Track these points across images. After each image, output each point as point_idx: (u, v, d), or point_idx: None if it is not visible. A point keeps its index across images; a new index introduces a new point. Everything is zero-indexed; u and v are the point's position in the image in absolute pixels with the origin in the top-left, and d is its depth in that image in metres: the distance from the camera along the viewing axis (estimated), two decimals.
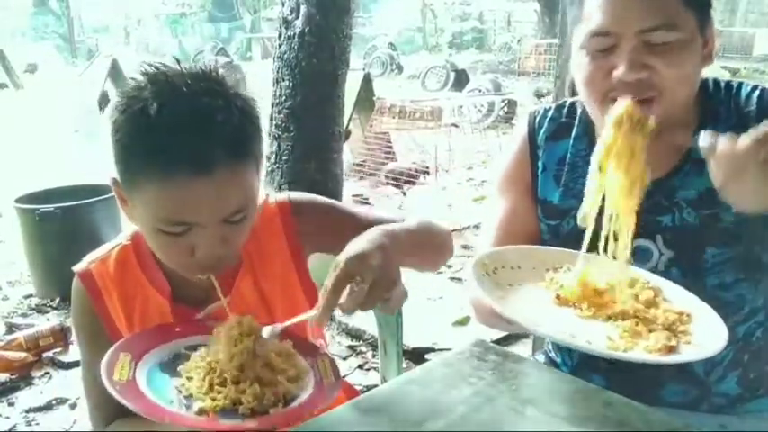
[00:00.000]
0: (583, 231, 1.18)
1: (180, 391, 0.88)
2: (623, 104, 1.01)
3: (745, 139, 0.86)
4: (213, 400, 0.86)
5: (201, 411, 0.85)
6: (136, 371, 0.89)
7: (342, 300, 0.85)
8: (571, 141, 1.23)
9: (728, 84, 1.17)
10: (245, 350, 0.90)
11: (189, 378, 0.90)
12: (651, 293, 1.01)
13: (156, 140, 0.87)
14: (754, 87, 1.14)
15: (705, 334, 0.92)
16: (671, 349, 0.89)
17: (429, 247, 1.09)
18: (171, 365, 0.94)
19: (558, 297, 1.00)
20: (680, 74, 1.05)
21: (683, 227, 1.12)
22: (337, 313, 0.87)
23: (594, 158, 1.03)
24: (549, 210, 1.23)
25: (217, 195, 0.89)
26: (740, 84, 1.16)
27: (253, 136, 0.95)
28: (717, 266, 1.11)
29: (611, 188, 1.01)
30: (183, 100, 0.88)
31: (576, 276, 1.02)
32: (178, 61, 0.95)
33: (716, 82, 1.16)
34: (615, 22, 1.04)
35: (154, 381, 0.89)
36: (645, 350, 0.89)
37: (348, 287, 0.85)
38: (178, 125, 0.87)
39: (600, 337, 0.91)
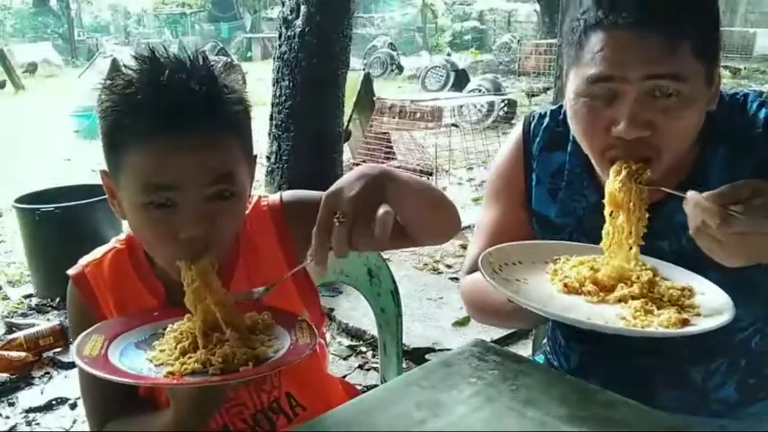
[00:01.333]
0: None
1: (151, 361, 0.88)
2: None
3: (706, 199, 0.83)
4: (183, 364, 0.85)
5: (170, 375, 0.84)
6: (108, 349, 0.89)
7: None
8: (567, 157, 1.19)
9: (733, 98, 1.11)
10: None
11: (162, 351, 0.90)
12: (650, 273, 1.02)
13: (137, 102, 0.90)
14: (761, 105, 1.08)
15: (711, 304, 0.95)
16: (685, 322, 0.91)
17: (431, 197, 1.00)
18: (146, 343, 0.94)
19: (565, 286, 1.01)
20: (682, 132, 1.01)
21: (681, 252, 1.09)
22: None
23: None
24: (544, 223, 1.22)
25: (196, 156, 0.91)
26: (745, 98, 1.10)
27: (236, 113, 0.96)
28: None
29: (614, 232, 1.02)
30: (165, 68, 0.91)
31: (582, 264, 1.04)
32: (165, 49, 0.96)
33: (720, 98, 1.08)
34: (619, 66, 0.96)
35: (127, 356, 0.89)
36: (661, 326, 0.90)
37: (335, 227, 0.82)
38: (158, 88, 0.90)
39: (614, 320, 0.93)
